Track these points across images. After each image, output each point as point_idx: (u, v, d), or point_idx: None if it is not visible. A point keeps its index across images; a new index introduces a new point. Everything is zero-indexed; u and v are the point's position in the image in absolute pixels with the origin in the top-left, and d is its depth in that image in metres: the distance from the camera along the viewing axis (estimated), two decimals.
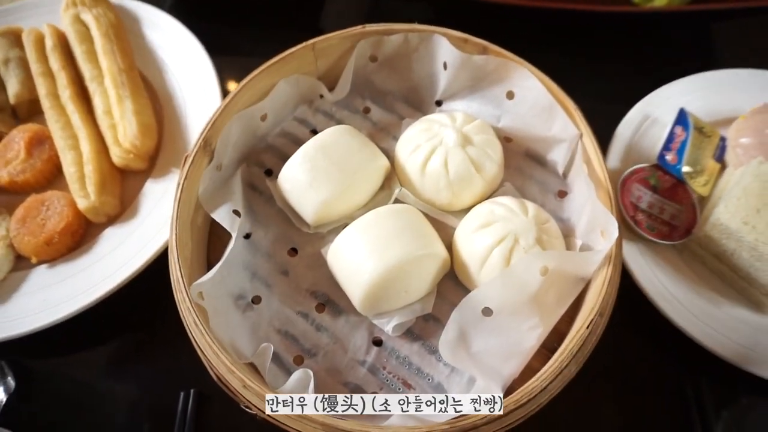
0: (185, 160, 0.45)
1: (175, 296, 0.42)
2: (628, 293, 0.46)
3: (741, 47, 0.70)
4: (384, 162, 0.48)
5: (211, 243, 0.48)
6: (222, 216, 0.44)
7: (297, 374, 0.39)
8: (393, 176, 0.49)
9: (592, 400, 0.50)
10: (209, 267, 0.46)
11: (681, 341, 0.49)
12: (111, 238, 0.53)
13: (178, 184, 0.44)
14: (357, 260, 0.42)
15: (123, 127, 0.54)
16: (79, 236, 0.53)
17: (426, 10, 0.76)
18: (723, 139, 0.57)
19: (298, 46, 0.50)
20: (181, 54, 0.63)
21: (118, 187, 0.55)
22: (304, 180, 0.46)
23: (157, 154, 0.57)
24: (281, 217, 0.49)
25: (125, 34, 0.63)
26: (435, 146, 0.47)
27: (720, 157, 0.56)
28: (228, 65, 0.65)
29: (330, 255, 0.45)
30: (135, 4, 0.68)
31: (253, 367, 0.41)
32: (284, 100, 0.51)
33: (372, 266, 0.41)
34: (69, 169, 0.54)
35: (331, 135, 0.47)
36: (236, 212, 0.46)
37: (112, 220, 0.54)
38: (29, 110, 0.61)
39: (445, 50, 0.50)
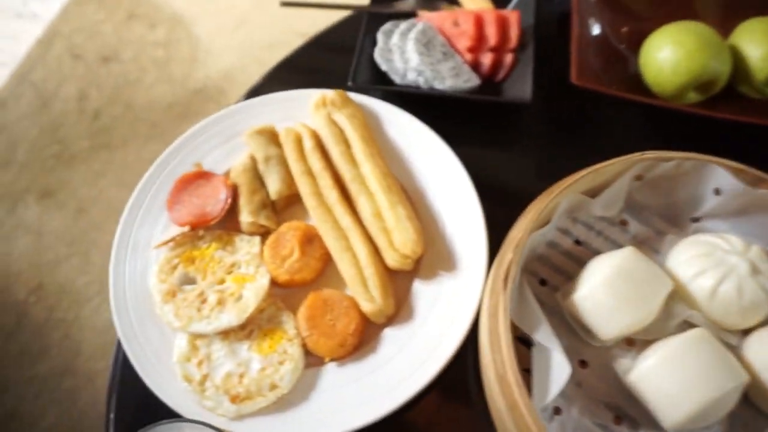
0: (504, 284, 0.49)
1: (511, 414, 0.46)
2: None
3: None
4: (670, 285, 0.52)
5: None
6: (545, 338, 0.48)
7: None
8: (673, 294, 0.53)
9: None
10: None
11: None
12: (393, 339, 0.57)
13: (504, 307, 0.48)
14: (675, 390, 0.47)
15: (399, 233, 0.58)
16: (363, 336, 0.57)
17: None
18: None
19: (585, 172, 0.54)
20: (420, 147, 0.66)
21: (393, 288, 0.59)
22: (608, 303, 0.50)
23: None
24: (566, 329, 0.53)
25: (372, 135, 0.67)
26: (724, 273, 0.51)
27: None
28: None
29: (637, 377, 0.49)
30: (359, 98, 0.70)
31: None
32: (559, 216, 0.56)
33: (693, 399, 0.46)
34: (348, 270, 0.58)
35: (625, 260, 0.51)
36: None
37: (389, 320, 0.58)
38: (285, 204, 0.65)
39: (721, 178, 0.54)
